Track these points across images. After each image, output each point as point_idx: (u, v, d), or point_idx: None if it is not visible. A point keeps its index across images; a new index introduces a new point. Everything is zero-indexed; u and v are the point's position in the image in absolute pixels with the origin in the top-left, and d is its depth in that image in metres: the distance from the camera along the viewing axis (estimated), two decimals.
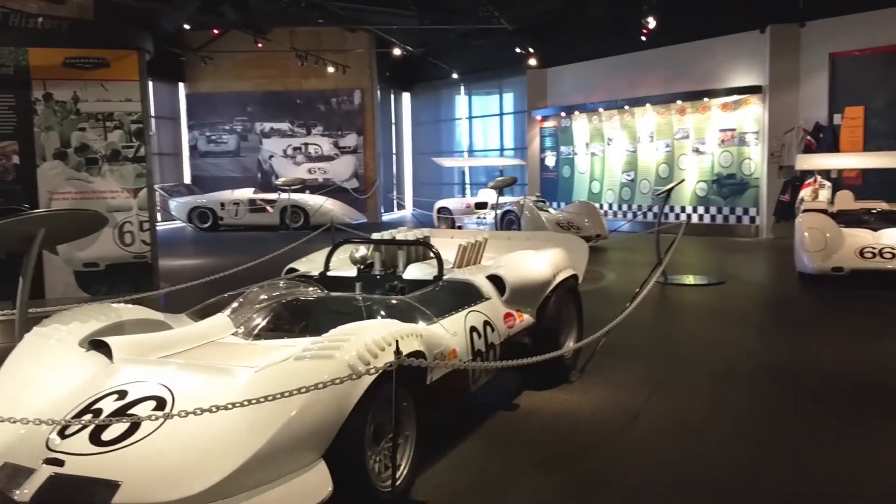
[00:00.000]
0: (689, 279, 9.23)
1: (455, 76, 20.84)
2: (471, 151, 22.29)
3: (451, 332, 3.59)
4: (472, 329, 3.79)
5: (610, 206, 17.05)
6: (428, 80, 22.30)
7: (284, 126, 19.53)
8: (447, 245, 4.85)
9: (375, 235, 4.68)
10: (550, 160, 18.74)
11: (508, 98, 21.13)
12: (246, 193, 17.00)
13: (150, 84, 18.61)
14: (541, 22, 16.49)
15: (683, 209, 15.47)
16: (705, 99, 14.76)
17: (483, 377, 3.88)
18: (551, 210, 13.97)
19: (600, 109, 16.89)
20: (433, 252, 4.38)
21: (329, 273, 4.43)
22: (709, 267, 10.93)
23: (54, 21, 6.68)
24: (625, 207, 16.70)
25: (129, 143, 6.78)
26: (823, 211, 9.52)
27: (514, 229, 12.88)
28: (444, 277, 4.21)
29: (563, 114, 18.01)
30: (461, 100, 22.36)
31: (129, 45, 6.79)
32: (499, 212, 13.12)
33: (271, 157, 19.62)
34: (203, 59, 18.41)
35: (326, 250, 4.68)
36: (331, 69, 18.13)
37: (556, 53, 17.85)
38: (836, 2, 12.75)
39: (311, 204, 16.58)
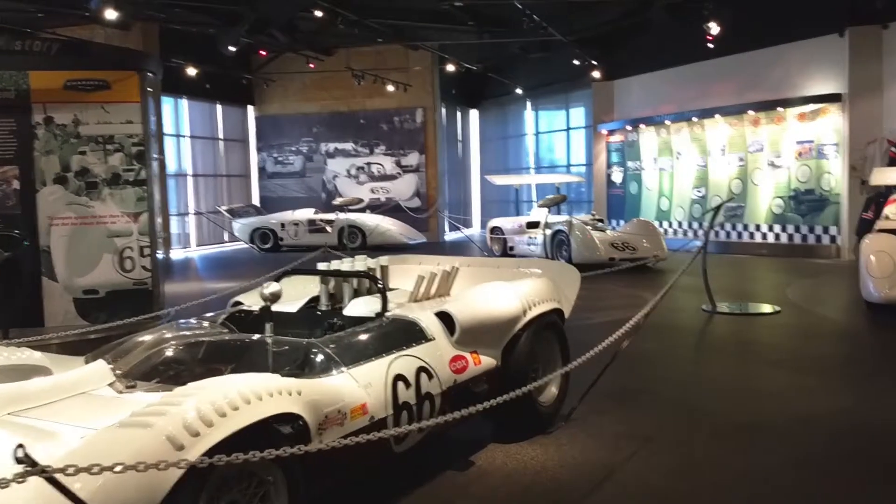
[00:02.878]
0: (739, 308, 8.36)
1: (519, 91, 20.34)
2: (537, 168, 21.69)
3: (362, 382, 3.14)
4: (398, 378, 3.33)
5: (679, 224, 16.08)
6: (494, 96, 21.94)
7: (348, 146, 19.58)
8: (416, 274, 4.39)
9: (323, 265, 4.28)
10: (617, 176, 17.94)
11: (575, 113, 20.44)
12: (306, 214, 17.07)
13: (220, 108, 19.33)
14: (602, 33, 15.83)
15: (758, 227, 14.36)
16: (780, 109, 13.67)
17: (415, 434, 3.40)
18: (608, 230, 13.23)
19: (668, 122, 16.00)
20: (378, 286, 3.95)
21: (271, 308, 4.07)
22: (769, 293, 9.99)
23: (54, 43, 6.69)
24: (695, 225, 15.69)
25: (129, 167, 6.70)
26: None
27: (565, 250, 12.28)
28: (388, 314, 3.77)
29: (629, 127, 17.20)
30: (528, 115, 21.84)
31: (129, 67, 6.72)
32: (548, 232, 12.51)
33: (335, 177, 19.69)
34: (265, 81, 18.71)
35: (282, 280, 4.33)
36: (390, 87, 18.05)
37: (622, 65, 17.13)
38: None
39: (368, 224, 16.45)
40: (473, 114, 23.25)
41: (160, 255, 7.76)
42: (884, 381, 5.32)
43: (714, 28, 12.61)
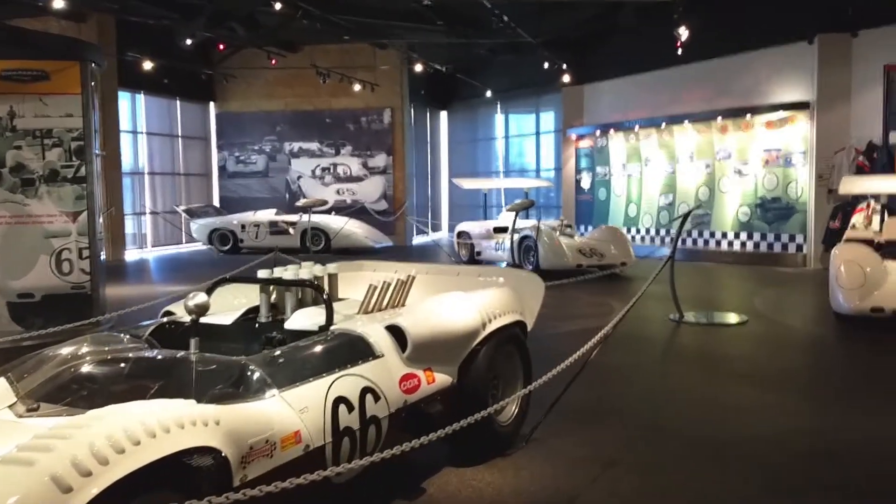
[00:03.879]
0: (706, 317, 8.18)
1: (489, 94, 20.12)
2: (507, 172, 21.47)
3: (297, 406, 2.81)
4: (339, 400, 3.00)
5: (647, 231, 15.97)
6: (464, 98, 21.67)
7: (313, 146, 19.16)
8: (373, 281, 4.06)
9: (263, 273, 3.93)
10: (586, 182, 17.79)
11: (545, 117, 20.27)
12: (267, 215, 16.61)
13: (179, 104, 18.77)
14: (572, 36, 15.68)
15: (725, 235, 14.28)
16: (748, 116, 13.60)
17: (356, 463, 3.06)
18: (576, 236, 13.02)
19: (637, 128, 15.88)
20: (323, 297, 3.62)
21: (204, 319, 3.71)
22: (736, 302, 9.85)
23: None
24: (662, 232, 15.59)
25: (68, 163, 6.27)
26: (869, 241, 8.36)
27: (533, 256, 12.05)
28: (333, 328, 3.44)
29: (598, 132, 17.06)
30: (498, 118, 21.62)
31: (70, 56, 6.29)
32: (516, 237, 12.27)
33: (299, 177, 19.25)
34: (225, 77, 18.22)
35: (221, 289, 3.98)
36: (357, 87, 17.69)
37: (592, 69, 17.00)
38: (891, 8, 11.50)
39: (333, 226, 16.05)
40: (443, 116, 22.97)
41: (102, 257, 7.33)
42: (851, 399, 5.12)
43: (684, 33, 12.49)
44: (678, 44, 12.98)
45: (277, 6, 10.96)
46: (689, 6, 12.21)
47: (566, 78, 17.03)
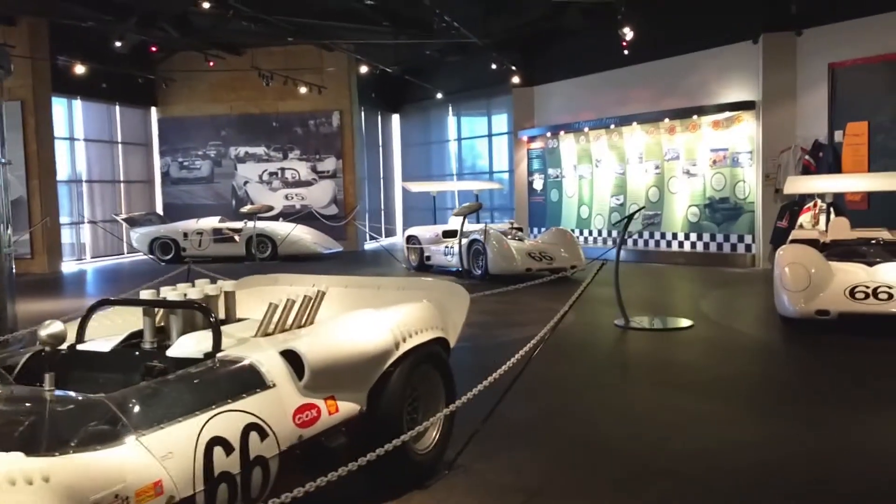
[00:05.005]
0: (652, 322, 7.98)
1: (440, 96, 19.84)
2: (460, 175, 21.22)
3: (160, 452, 2.45)
4: (215, 441, 2.64)
5: (599, 233, 15.85)
6: (415, 101, 21.37)
7: (260, 150, 18.63)
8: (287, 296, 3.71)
9: (147, 293, 3.55)
10: (538, 183, 17.61)
11: (497, 119, 20.08)
12: (211, 222, 16.07)
13: (118, 108, 18.09)
14: (520, 37, 15.50)
15: (675, 236, 14.21)
16: (695, 116, 13.55)
17: None
18: (526, 239, 12.79)
19: (586, 129, 15.75)
20: (210, 319, 3.25)
21: (83, 346, 3.33)
22: (684, 305, 9.71)
23: None
24: (614, 234, 15.47)
25: None
26: (815, 241, 8.26)
27: (482, 260, 11.77)
28: (220, 355, 3.08)
29: (549, 134, 16.90)
30: (450, 121, 21.36)
31: None
32: (465, 241, 11.99)
33: (246, 182, 18.70)
34: (164, 81, 17.61)
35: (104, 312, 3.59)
36: (303, 90, 17.23)
37: (542, 71, 16.87)
38: (835, 7, 11.53)
39: (280, 232, 15.58)
40: (395, 118, 22.63)
41: (13, 270, 6.83)
42: (797, 408, 4.93)
43: (629, 34, 12.37)
44: (623, 44, 12.87)
45: (206, 5, 10.49)
46: (633, 7, 12.09)
47: (516, 79, 16.87)
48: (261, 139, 18.56)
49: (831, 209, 9.45)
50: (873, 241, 8.15)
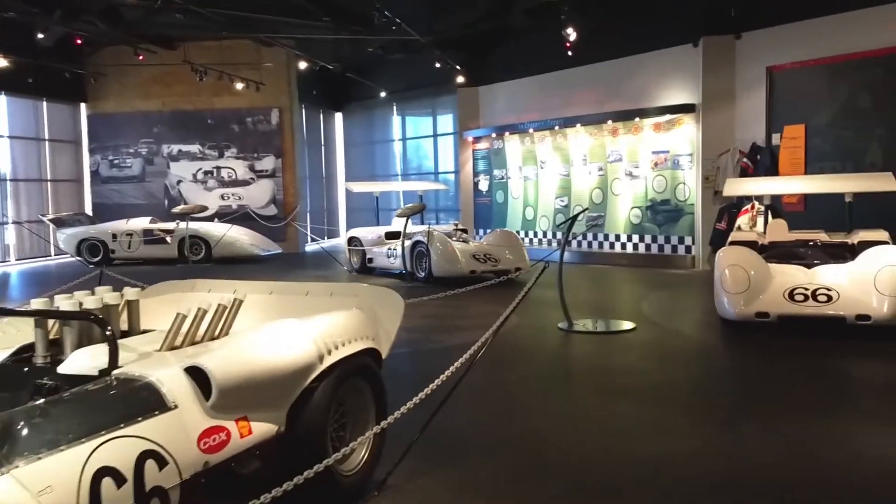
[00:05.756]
0: (597, 325, 7.86)
1: (384, 94, 19.52)
2: (405, 175, 20.93)
3: (35, 486, 2.12)
4: (104, 472, 2.32)
5: (544, 234, 15.78)
6: (359, 99, 20.98)
7: (194, 148, 17.98)
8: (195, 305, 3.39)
9: (38, 301, 3.18)
10: (484, 184, 17.46)
11: (443, 119, 19.85)
12: (141, 223, 15.40)
13: (45, 104, 17.22)
14: (465, 36, 15.31)
15: (618, 237, 14.23)
16: (637, 119, 13.59)
17: None
18: (471, 241, 12.59)
19: (531, 130, 15.67)
20: (106, 332, 2.91)
21: None
22: (626, 307, 9.65)
23: None
24: (559, 235, 15.42)
25: None
26: (753, 243, 8.27)
27: (425, 262, 11.53)
28: (117, 372, 2.74)
29: (494, 135, 16.77)
30: (395, 120, 21.04)
31: None
32: (408, 243, 11.72)
33: (179, 182, 18.02)
34: (93, 76, 16.85)
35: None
36: (240, 85, 16.69)
37: (487, 71, 16.74)
38: (773, 11, 11.67)
39: (214, 234, 15.03)
40: (338, 117, 22.19)
41: None
42: (739, 415, 4.81)
43: (572, 35, 12.30)
44: (567, 45, 12.82)
45: None
46: (576, 8, 12.03)
47: (461, 79, 16.69)
48: (195, 136, 17.91)
49: (769, 211, 9.53)
50: (811, 243, 8.21)
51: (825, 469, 3.80)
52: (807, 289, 6.95)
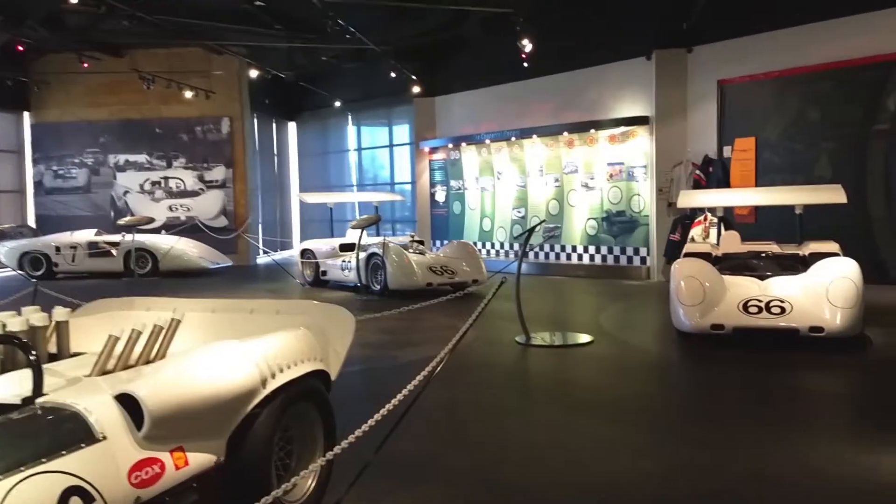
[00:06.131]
0: (554, 338, 7.78)
1: (338, 104, 19.29)
2: (361, 186, 20.70)
3: None
4: None
5: (501, 245, 15.73)
6: (313, 108, 20.69)
7: (142, 158, 17.48)
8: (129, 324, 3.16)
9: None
10: (441, 195, 17.35)
11: (399, 129, 19.70)
12: (86, 235, 14.87)
13: None
14: (420, 46, 15.22)
15: (575, 249, 14.25)
16: (592, 130, 13.66)
17: None
18: (427, 253, 12.44)
19: (488, 141, 15.63)
20: (31, 357, 2.67)
21: None
22: (583, 319, 9.61)
23: None
24: (516, 247, 15.38)
25: None
26: (707, 255, 8.30)
27: (381, 275, 11.33)
28: (41, 400, 2.52)
29: (451, 145, 16.68)
30: (350, 130, 20.82)
31: None
32: (363, 255, 11.51)
33: (126, 192, 17.49)
34: (36, 84, 16.28)
35: None
36: (189, 94, 16.29)
37: (444, 81, 16.68)
38: (724, 25, 11.85)
39: (161, 246, 14.58)
40: (291, 126, 21.85)
41: None
42: (696, 432, 4.74)
43: (528, 46, 12.30)
44: (523, 56, 12.82)
45: (73, 0, 9.58)
46: (531, 20, 12.03)
47: (417, 89, 16.58)
48: (143, 146, 17.42)
49: (721, 223, 9.61)
50: (763, 255, 8.27)
51: (782, 492, 3.73)
52: (760, 301, 6.98)
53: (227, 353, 3.04)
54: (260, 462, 3.01)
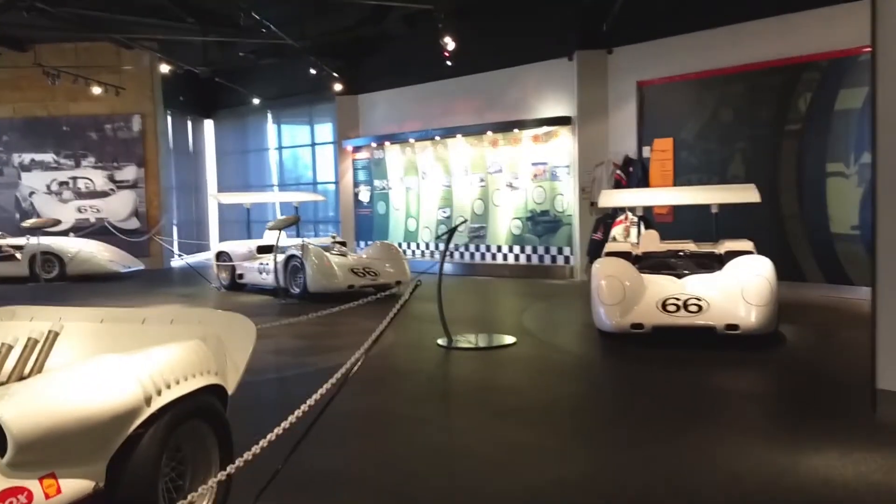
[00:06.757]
0: (477, 340, 7.66)
1: (257, 102, 18.74)
2: (282, 185, 20.17)
3: None
4: None
5: (427, 246, 15.56)
6: (231, 105, 20.03)
7: (48, 157, 16.52)
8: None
9: None
10: (365, 195, 17.05)
11: (321, 127, 19.28)
12: None
13: None
14: (341, 43, 14.90)
15: (500, 248, 14.22)
16: (516, 130, 13.66)
17: None
18: (350, 254, 12.15)
19: (412, 140, 15.45)
20: None
21: None
22: (507, 320, 9.55)
23: None
24: (441, 247, 15.24)
25: None
26: (628, 254, 8.35)
27: (300, 277, 10.99)
28: None
29: (374, 144, 16.41)
30: (270, 128, 20.26)
31: None
32: (281, 257, 11.13)
33: (32, 193, 16.51)
34: None
35: None
36: (97, 90, 15.49)
37: (366, 79, 16.38)
38: (643, 27, 12.02)
39: (69, 249, 13.80)
40: (208, 124, 21.10)
41: None
42: (619, 436, 4.68)
43: (450, 44, 12.18)
44: (446, 54, 12.70)
45: None
46: (453, 17, 11.91)
47: (338, 87, 16.24)
48: (49, 145, 16.46)
49: (641, 222, 9.72)
50: (681, 253, 8.38)
51: (703, 492, 3.68)
52: (678, 299, 7.03)
53: (107, 369, 2.75)
54: (144, 486, 2.73)
